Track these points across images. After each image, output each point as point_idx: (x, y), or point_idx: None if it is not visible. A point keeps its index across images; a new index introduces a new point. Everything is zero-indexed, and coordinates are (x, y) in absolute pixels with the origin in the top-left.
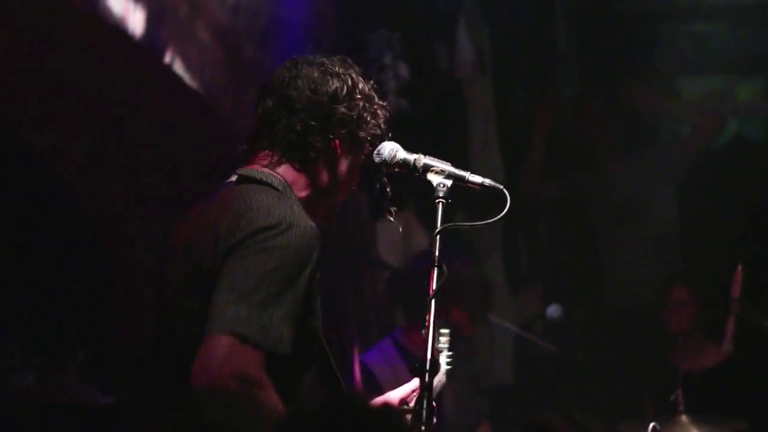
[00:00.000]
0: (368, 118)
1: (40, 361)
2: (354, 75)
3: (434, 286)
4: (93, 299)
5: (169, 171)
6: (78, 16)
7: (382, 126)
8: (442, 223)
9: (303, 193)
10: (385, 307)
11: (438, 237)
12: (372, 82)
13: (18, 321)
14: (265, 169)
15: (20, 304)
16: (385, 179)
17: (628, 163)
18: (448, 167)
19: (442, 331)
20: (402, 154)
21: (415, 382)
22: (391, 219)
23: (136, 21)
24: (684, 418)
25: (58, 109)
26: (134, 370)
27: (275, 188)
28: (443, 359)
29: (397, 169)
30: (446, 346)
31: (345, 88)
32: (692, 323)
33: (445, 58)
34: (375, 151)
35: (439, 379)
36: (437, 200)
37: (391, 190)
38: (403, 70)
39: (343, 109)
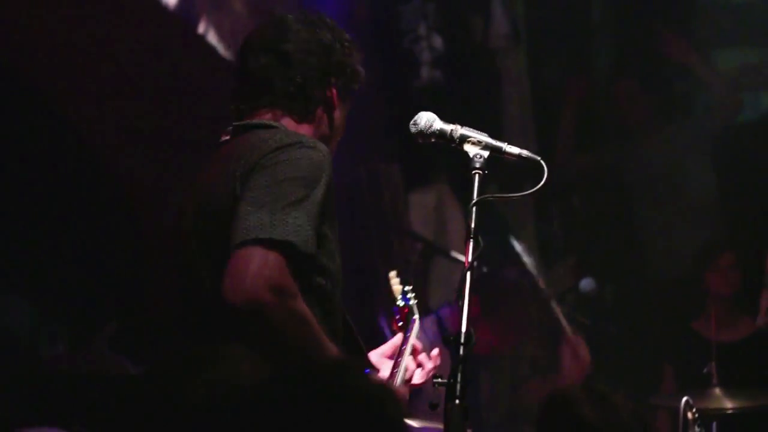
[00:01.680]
0: (355, 68)
1: (71, 332)
2: (334, 27)
3: (470, 258)
4: (125, 270)
5: (202, 142)
6: None
7: (361, 76)
8: (478, 195)
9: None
10: (416, 279)
11: (474, 209)
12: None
13: (49, 291)
14: (269, 121)
15: (52, 275)
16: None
17: (662, 135)
18: (485, 138)
19: (407, 287)
20: (439, 124)
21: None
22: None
23: None
24: (717, 390)
25: (93, 81)
26: (165, 340)
27: (278, 128)
28: (416, 311)
29: (433, 140)
30: (413, 298)
31: (335, 39)
32: (735, 289)
33: (479, 29)
34: (412, 121)
35: (418, 330)
36: (474, 171)
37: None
38: (437, 42)
39: (337, 59)
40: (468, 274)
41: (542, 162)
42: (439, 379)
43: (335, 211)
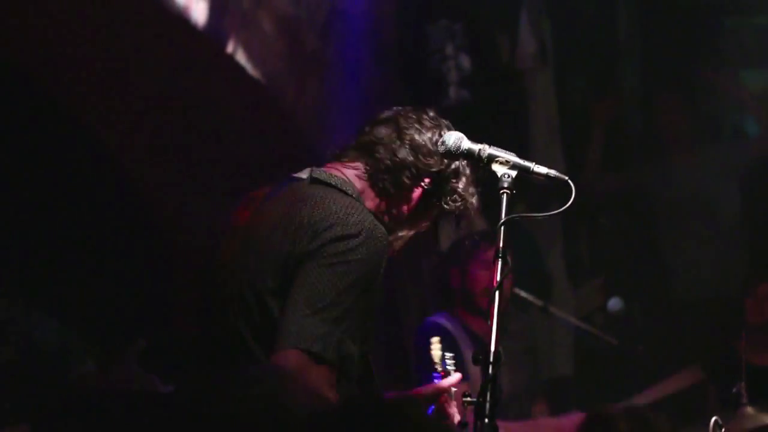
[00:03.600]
0: (457, 195)
1: (101, 349)
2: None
3: (498, 278)
4: (154, 287)
5: (230, 161)
6: (141, 5)
7: (463, 208)
8: (506, 214)
9: (369, 206)
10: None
11: (502, 228)
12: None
13: (79, 308)
14: (342, 175)
15: (82, 292)
16: None
17: (691, 157)
18: (513, 158)
19: (448, 354)
20: (467, 143)
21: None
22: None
23: (199, 10)
24: (748, 410)
25: (122, 99)
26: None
27: (349, 195)
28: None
29: (461, 159)
30: (453, 367)
31: (455, 165)
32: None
33: (506, 49)
34: (440, 141)
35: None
36: (502, 191)
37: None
38: (465, 61)
39: (445, 168)
40: (497, 293)
41: (570, 182)
42: (468, 398)
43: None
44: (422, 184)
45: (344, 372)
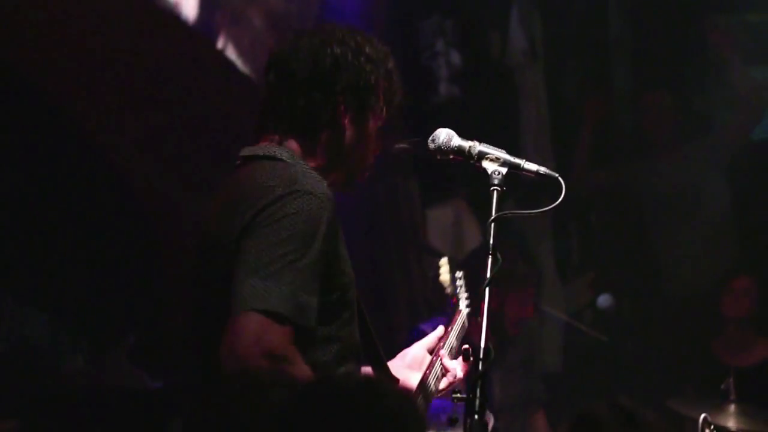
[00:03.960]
0: (376, 83)
1: (90, 345)
2: (359, 39)
3: (488, 275)
4: (143, 283)
5: (220, 156)
6: (132, 1)
7: (396, 89)
8: (496, 211)
9: (313, 163)
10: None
11: (493, 225)
12: (381, 43)
13: (68, 305)
14: (272, 145)
15: (70, 288)
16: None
17: (679, 153)
18: (503, 155)
19: (458, 274)
20: (457, 140)
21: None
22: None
23: (189, 6)
24: (735, 407)
25: (112, 94)
26: (183, 354)
27: (281, 159)
28: (463, 302)
29: (451, 156)
30: (463, 287)
31: (348, 54)
32: (748, 312)
33: (497, 45)
34: (430, 138)
35: (463, 322)
36: (492, 188)
37: (444, 177)
38: (455, 57)
39: (346, 77)
40: (487, 290)
41: (560, 179)
42: (459, 394)
43: (344, 245)
44: (340, 106)
45: (301, 323)
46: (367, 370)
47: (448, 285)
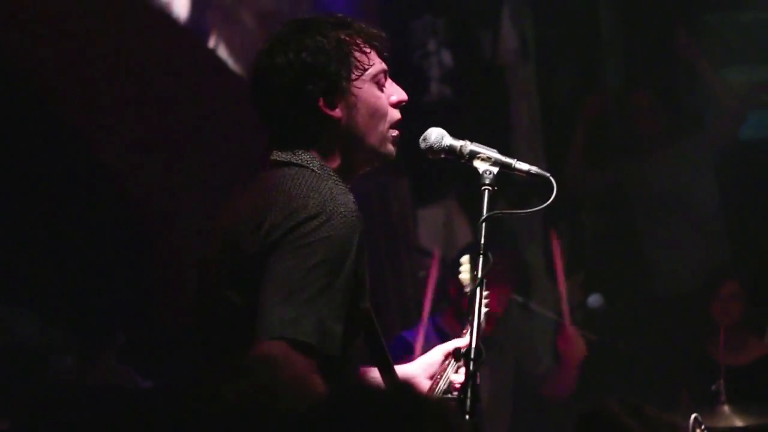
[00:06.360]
0: (340, 59)
1: (80, 344)
2: (306, 30)
3: (479, 274)
4: (134, 282)
5: (212, 156)
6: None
7: (363, 50)
8: (487, 211)
9: (335, 163)
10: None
11: (484, 225)
12: (332, 13)
13: (57, 303)
14: (300, 152)
15: (60, 287)
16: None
17: (670, 153)
18: (494, 154)
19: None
20: (448, 140)
21: (434, 356)
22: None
23: (181, 5)
24: (726, 408)
25: (103, 93)
26: (173, 353)
27: (312, 170)
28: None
29: (442, 156)
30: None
31: (294, 53)
32: (740, 316)
33: (488, 45)
34: (421, 137)
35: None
36: (483, 187)
37: (435, 177)
38: (447, 57)
39: (303, 76)
40: (478, 290)
41: (551, 178)
42: (450, 395)
43: (366, 267)
44: (317, 102)
45: (328, 353)
46: (375, 374)
47: (468, 284)
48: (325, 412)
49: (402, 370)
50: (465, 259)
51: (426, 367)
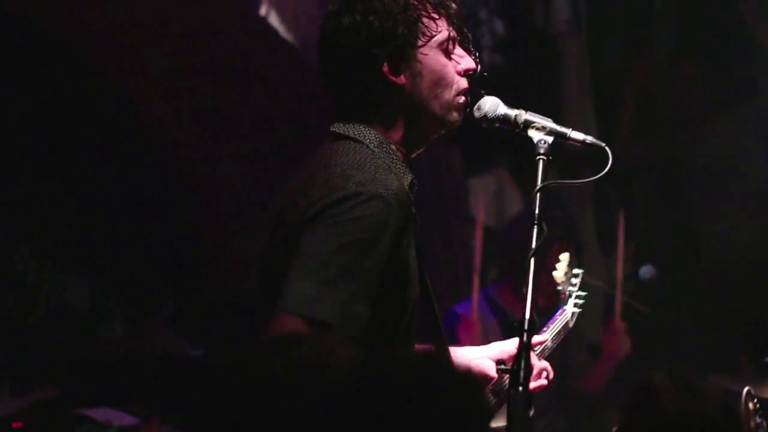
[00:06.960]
0: (408, 24)
1: (129, 312)
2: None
3: (534, 245)
4: (183, 250)
5: (261, 123)
6: None
7: (432, 15)
8: (542, 181)
9: (399, 134)
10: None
11: (538, 195)
12: None
13: (107, 272)
14: (360, 126)
15: (110, 255)
16: None
17: (721, 122)
18: (549, 123)
19: (576, 271)
20: (503, 109)
21: (512, 345)
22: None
23: None
24: None
25: (153, 60)
26: (222, 321)
27: (368, 146)
28: (572, 301)
29: (497, 125)
30: (577, 287)
31: (361, 15)
32: None
33: (540, 14)
34: (476, 106)
35: (566, 322)
36: (538, 157)
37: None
38: (498, 26)
39: (370, 39)
40: (532, 261)
41: (606, 148)
42: (503, 366)
43: (415, 255)
44: (382, 68)
45: (349, 333)
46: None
47: (561, 281)
48: (352, 382)
49: (475, 352)
50: (564, 256)
51: (498, 355)
